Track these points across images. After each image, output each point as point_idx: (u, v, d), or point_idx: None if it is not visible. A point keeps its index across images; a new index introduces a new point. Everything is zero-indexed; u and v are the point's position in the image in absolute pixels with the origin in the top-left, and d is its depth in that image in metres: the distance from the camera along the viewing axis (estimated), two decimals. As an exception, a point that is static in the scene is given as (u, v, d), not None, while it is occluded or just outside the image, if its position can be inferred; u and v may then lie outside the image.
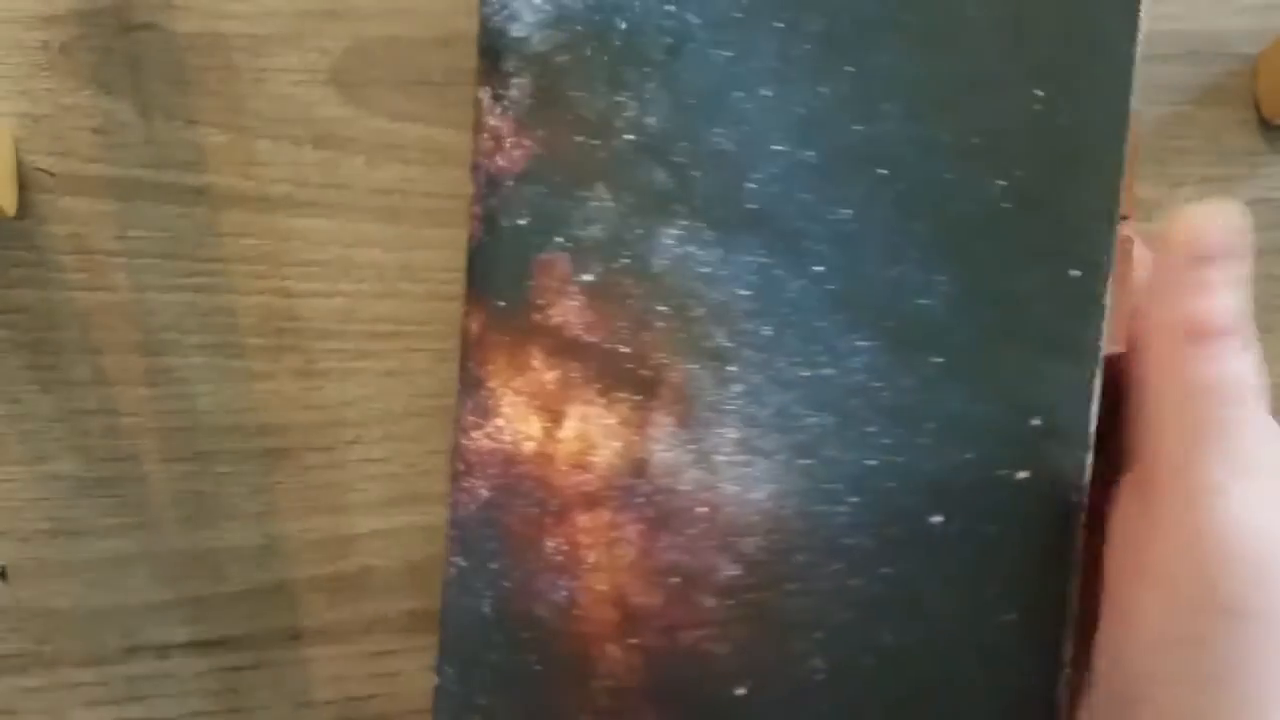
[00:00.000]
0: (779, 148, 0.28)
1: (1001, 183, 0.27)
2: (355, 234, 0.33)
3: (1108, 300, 0.27)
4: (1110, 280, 0.27)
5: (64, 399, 0.32)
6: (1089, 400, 0.27)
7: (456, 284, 0.33)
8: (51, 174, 0.32)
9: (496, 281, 0.29)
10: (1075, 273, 0.27)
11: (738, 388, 0.28)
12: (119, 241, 0.32)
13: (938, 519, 0.28)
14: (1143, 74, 0.27)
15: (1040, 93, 0.27)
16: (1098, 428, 0.27)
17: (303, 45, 0.32)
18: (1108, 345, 0.27)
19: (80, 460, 0.33)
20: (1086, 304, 0.27)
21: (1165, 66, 0.34)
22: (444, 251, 0.33)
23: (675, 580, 0.29)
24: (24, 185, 0.31)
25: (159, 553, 0.33)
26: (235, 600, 0.34)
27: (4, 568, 0.33)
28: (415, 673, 0.35)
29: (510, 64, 0.28)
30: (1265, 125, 0.35)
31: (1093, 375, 0.27)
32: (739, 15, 0.28)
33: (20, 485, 0.33)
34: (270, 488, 0.33)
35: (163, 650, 0.34)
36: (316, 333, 0.33)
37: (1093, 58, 0.27)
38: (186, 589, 0.34)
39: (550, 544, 0.29)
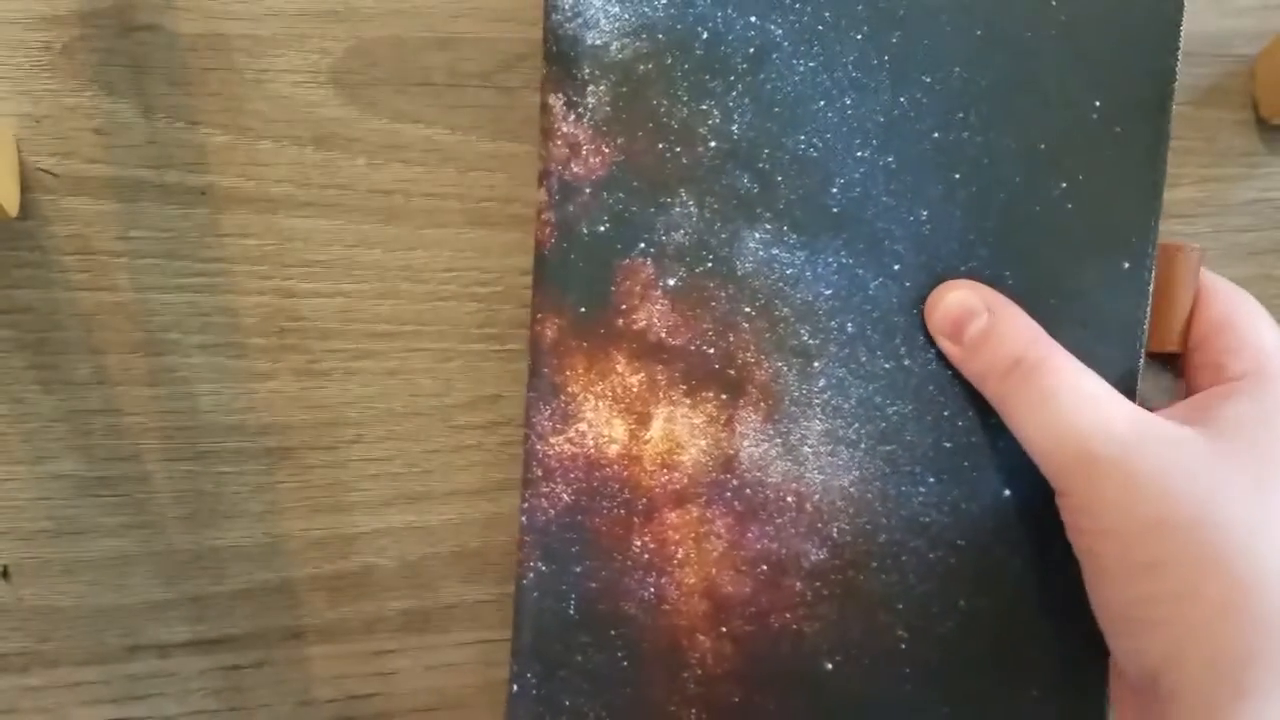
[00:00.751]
0: (861, 154, 0.29)
1: (1064, 185, 0.29)
2: (356, 234, 0.33)
3: (1150, 288, 0.29)
4: (1153, 271, 0.29)
5: (66, 399, 0.32)
6: (1136, 375, 0.29)
7: (457, 284, 0.33)
8: (54, 174, 0.32)
9: (575, 288, 0.29)
10: (1126, 265, 0.29)
11: (822, 382, 0.30)
12: (121, 242, 0.32)
13: (1008, 492, 0.30)
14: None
15: (1098, 103, 0.29)
16: None
17: (304, 46, 0.32)
18: (1166, 345, 0.30)
19: (82, 460, 0.33)
20: (1135, 293, 0.29)
21: (1164, 67, 0.34)
22: (444, 251, 0.33)
23: (764, 568, 0.30)
24: (26, 186, 0.32)
25: (160, 552, 0.33)
26: (236, 599, 0.34)
27: (6, 567, 0.33)
28: (416, 671, 0.35)
29: (586, 71, 0.29)
30: (1263, 125, 0.35)
31: (1139, 354, 0.29)
32: (821, 28, 0.29)
33: (22, 485, 0.33)
34: (272, 487, 0.33)
35: (164, 649, 0.34)
36: (318, 332, 0.33)
37: (1141, 72, 0.29)
38: (188, 588, 0.34)
39: (638, 543, 0.30)
